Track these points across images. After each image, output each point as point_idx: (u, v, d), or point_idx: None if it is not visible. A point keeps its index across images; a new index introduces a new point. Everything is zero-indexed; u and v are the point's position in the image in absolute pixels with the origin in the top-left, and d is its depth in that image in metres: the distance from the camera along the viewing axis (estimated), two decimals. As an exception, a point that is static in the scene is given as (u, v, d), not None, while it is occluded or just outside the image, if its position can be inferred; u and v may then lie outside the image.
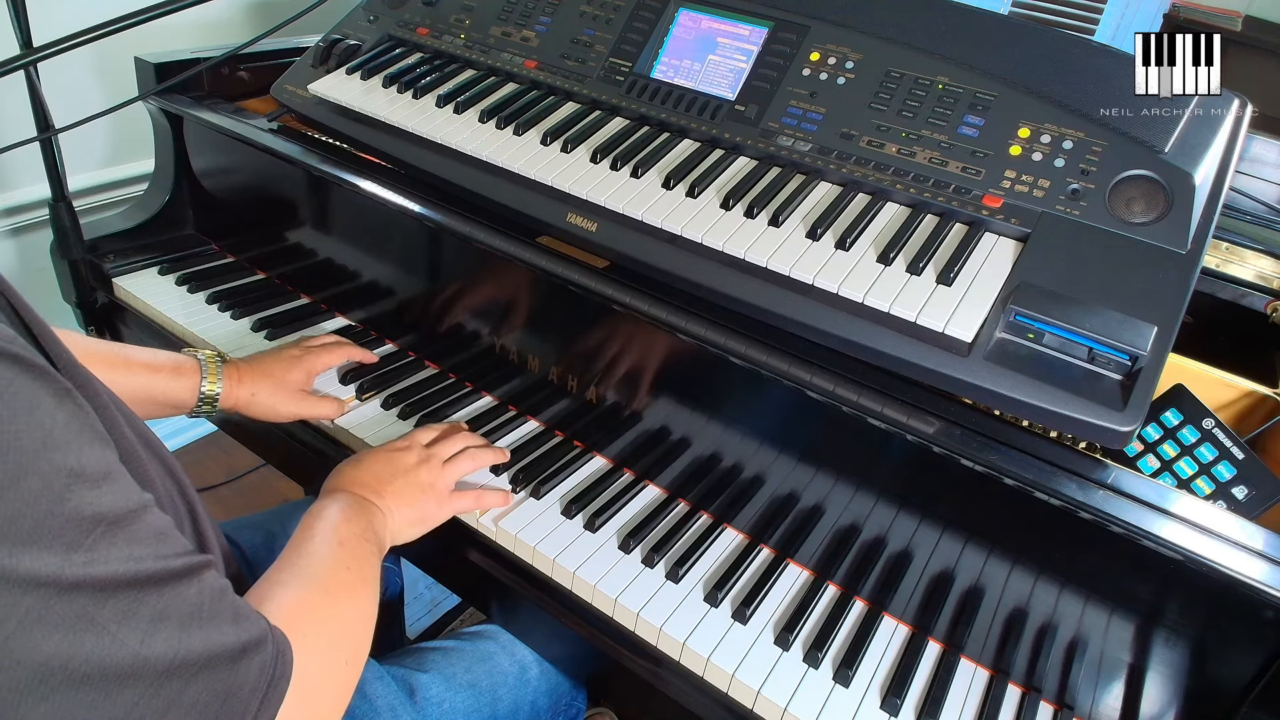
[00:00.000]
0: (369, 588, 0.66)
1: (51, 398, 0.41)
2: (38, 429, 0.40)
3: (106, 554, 0.42)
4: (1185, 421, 0.76)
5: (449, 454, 0.84)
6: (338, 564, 0.65)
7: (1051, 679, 0.75)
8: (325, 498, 0.74)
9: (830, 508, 0.80)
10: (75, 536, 0.40)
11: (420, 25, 1.08)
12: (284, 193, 1.10)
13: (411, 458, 0.81)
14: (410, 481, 0.79)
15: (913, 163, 0.80)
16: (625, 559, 0.81)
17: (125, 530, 0.43)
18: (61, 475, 0.40)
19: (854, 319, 0.72)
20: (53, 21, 0.90)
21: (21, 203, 1.52)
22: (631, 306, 0.80)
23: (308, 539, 0.67)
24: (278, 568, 0.63)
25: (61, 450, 0.40)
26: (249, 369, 0.91)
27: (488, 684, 0.82)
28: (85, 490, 0.41)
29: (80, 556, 0.40)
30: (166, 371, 0.86)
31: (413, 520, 0.78)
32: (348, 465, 0.80)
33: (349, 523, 0.70)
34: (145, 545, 0.44)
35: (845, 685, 0.73)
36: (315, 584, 0.61)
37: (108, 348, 0.84)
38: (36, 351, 0.45)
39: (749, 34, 0.90)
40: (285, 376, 0.92)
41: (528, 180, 0.87)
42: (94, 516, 0.42)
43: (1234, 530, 0.62)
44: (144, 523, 0.45)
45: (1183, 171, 0.72)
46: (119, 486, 0.44)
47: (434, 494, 0.80)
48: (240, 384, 0.89)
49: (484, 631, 0.88)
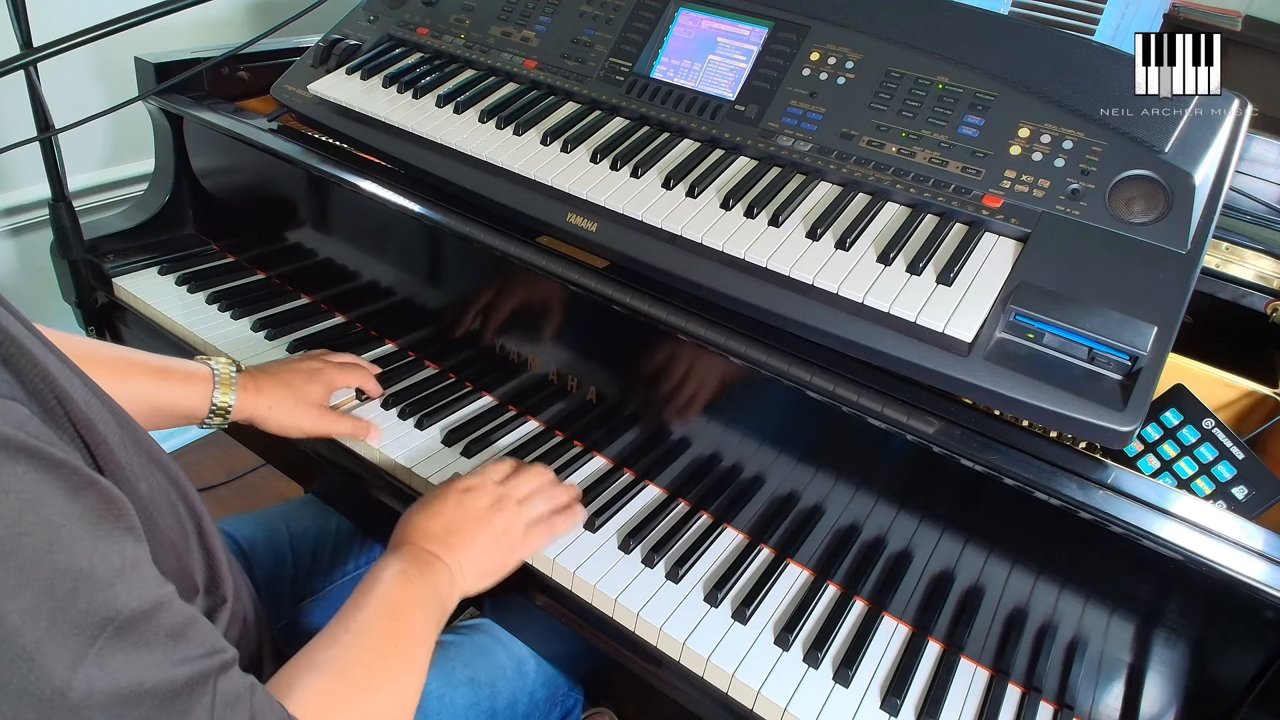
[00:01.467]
0: (416, 670, 0.62)
1: (65, 493, 0.39)
2: (45, 528, 0.38)
3: (113, 661, 0.40)
4: (1185, 421, 0.76)
5: (523, 494, 0.79)
6: (385, 644, 0.61)
7: (1051, 679, 0.75)
8: (390, 553, 0.70)
9: (830, 508, 0.80)
10: (79, 644, 0.39)
11: (420, 25, 1.08)
12: (284, 193, 1.10)
13: (484, 500, 0.76)
14: (482, 529, 0.74)
15: (913, 163, 0.80)
16: (625, 559, 0.81)
17: (135, 633, 0.41)
18: (68, 579, 0.38)
19: (854, 319, 0.72)
20: (53, 21, 0.89)
21: (21, 203, 1.52)
22: (631, 306, 0.80)
23: (360, 606, 0.63)
24: (321, 642, 0.59)
25: (69, 550, 0.39)
26: (267, 380, 0.87)
27: (486, 678, 0.82)
28: (93, 592, 0.39)
29: (87, 667, 0.38)
30: (176, 379, 0.82)
31: (484, 573, 0.74)
32: (416, 513, 0.75)
33: (408, 586, 0.66)
34: (155, 649, 0.42)
35: (845, 685, 0.73)
36: (356, 672, 0.58)
37: (115, 353, 0.81)
38: (59, 426, 0.42)
39: (749, 34, 0.90)
40: (305, 389, 0.88)
41: (528, 180, 0.87)
42: (101, 620, 0.40)
43: (1234, 530, 0.62)
44: (156, 623, 0.43)
45: (1183, 171, 0.72)
46: (133, 583, 0.42)
47: (507, 540, 0.75)
48: (258, 394, 0.85)
49: (481, 625, 0.88)
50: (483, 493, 0.77)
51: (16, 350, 0.42)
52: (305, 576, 0.97)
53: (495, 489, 0.78)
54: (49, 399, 0.44)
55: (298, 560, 0.97)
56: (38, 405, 0.42)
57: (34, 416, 0.40)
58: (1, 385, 0.39)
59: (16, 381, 0.41)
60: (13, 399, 0.39)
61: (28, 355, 0.43)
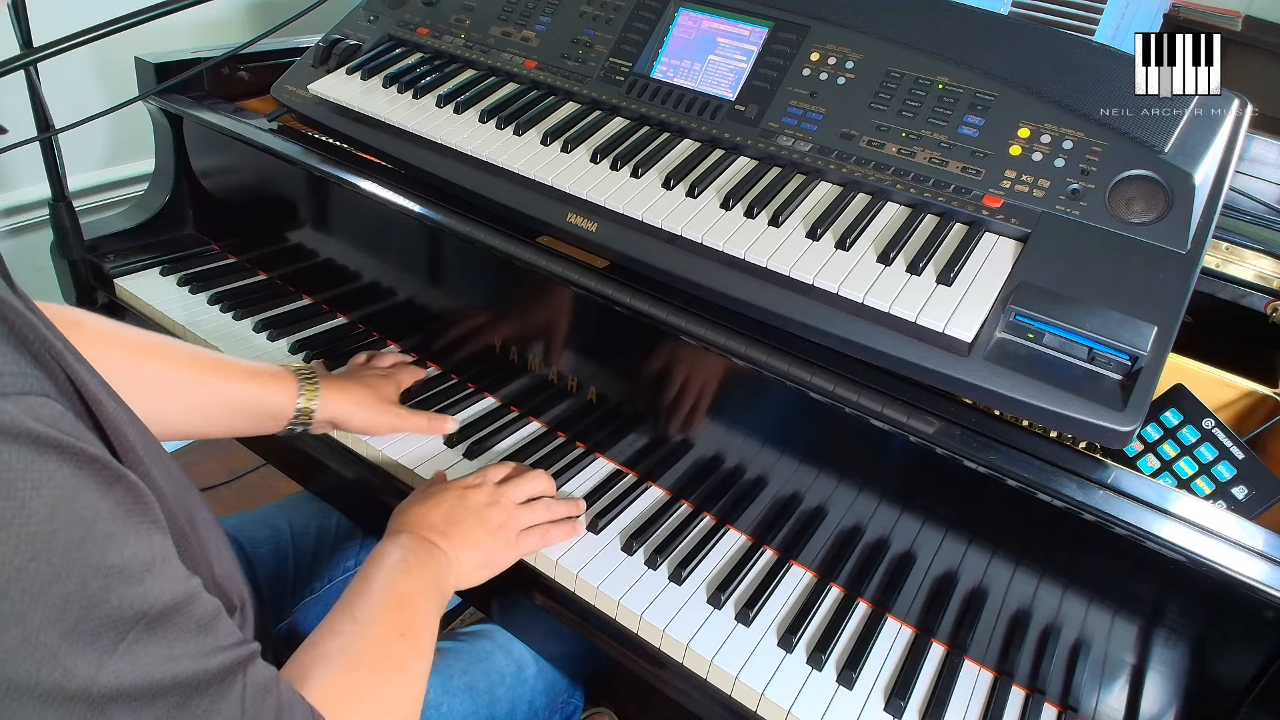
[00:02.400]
0: (422, 657, 0.64)
1: (96, 489, 0.39)
2: (77, 525, 0.38)
3: (144, 654, 0.40)
4: (1185, 421, 0.76)
5: (522, 496, 0.81)
6: (392, 632, 0.62)
7: (1055, 680, 0.75)
8: (390, 539, 0.72)
9: (833, 509, 0.80)
10: (111, 640, 0.39)
11: (420, 25, 1.08)
12: (284, 193, 1.10)
13: (483, 496, 0.78)
14: (480, 522, 0.76)
15: (913, 163, 0.80)
16: (628, 560, 0.81)
17: (167, 625, 0.42)
18: (99, 575, 0.38)
19: (854, 319, 0.72)
20: (53, 21, 0.89)
21: (21, 203, 1.52)
22: (631, 306, 0.80)
23: (364, 594, 0.64)
24: (328, 632, 0.60)
25: (101, 546, 0.39)
26: (350, 381, 0.90)
27: (485, 685, 0.82)
28: (125, 587, 0.40)
29: (115, 663, 0.39)
30: (266, 378, 0.83)
31: (479, 564, 0.75)
32: (415, 502, 0.77)
33: (410, 575, 0.67)
34: (187, 641, 0.43)
35: (849, 687, 0.73)
36: (365, 660, 0.59)
37: (199, 352, 0.82)
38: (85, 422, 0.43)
39: (749, 34, 0.90)
40: (383, 389, 0.91)
41: (528, 180, 0.87)
42: (134, 615, 0.40)
43: (1234, 530, 0.62)
44: (187, 615, 0.43)
45: (1183, 171, 0.72)
46: (164, 576, 0.42)
47: (503, 536, 0.77)
48: (345, 394, 0.87)
49: (481, 631, 0.88)
50: (483, 490, 0.79)
51: (46, 349, 0.42)
52: (306, 575, 0.97)
53: (494, 489, 0.80)
54: (76, 399, 0.44)
55: (299, 559, 0.97)
56: (67, 403, 0.42)
57: (67, 413, 0.40)
58: (33, 381, 0.39)
59: (48, 379, 0.41)
60: (45, 395, 0.39)
61: (59, 356, 0.43)
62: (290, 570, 0.95)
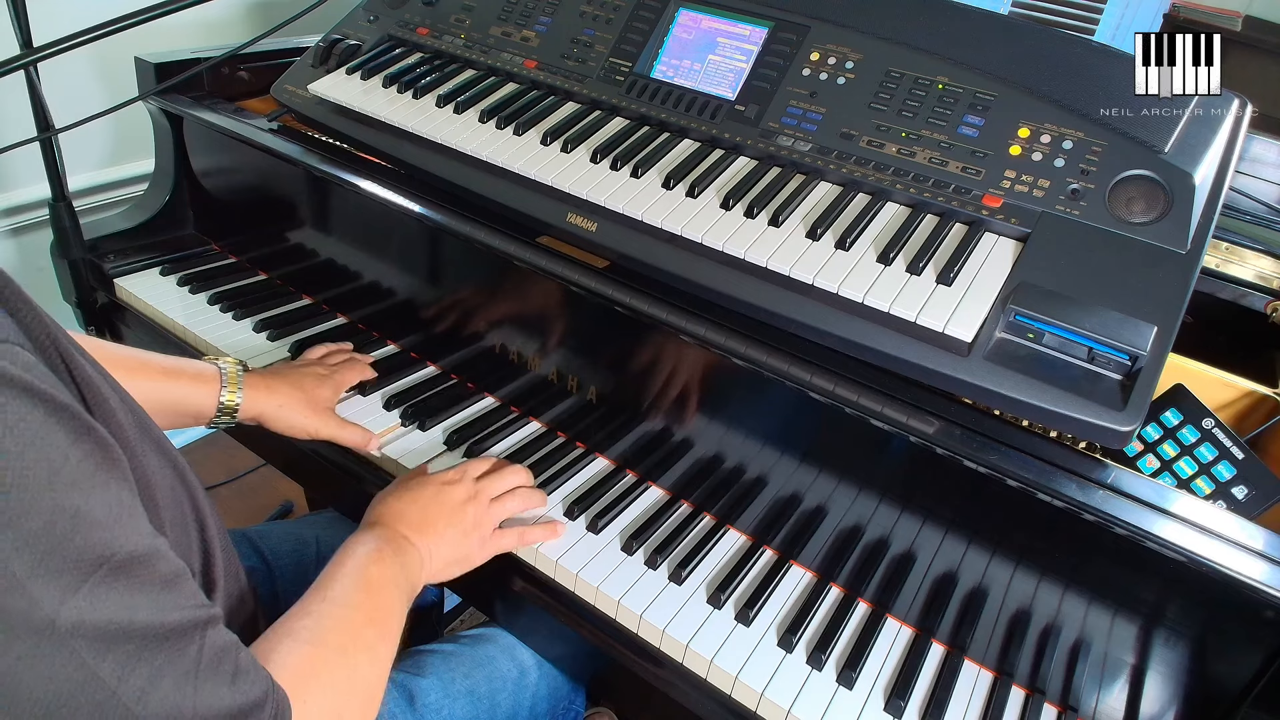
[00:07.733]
0: (388, 644, 0.64)
1: (67, 435, 0.40)
2: (47, 466, 0.39)
3: (105, 598, 0.41)
4: (1185, 421, 0.76)
5: (498, 491, 0.81)
6: (360, 616, 0.63)
7: (1055, 680, 0.75)
8: (364, 530, 0.72)
9: (833, 509, 0.80)
10: (75, 579, 0.40)
11: (420, 25, 1.08)
12: (284, 193, 1.10)
13: (460, 493, 0.78)
14: (455, 520, 0.77)
15: (913, 163, 0.80)
16: (628, 561, 0.81)
17: (129, 575, 0.42)
18: (67, 515, 0.39)
19: (854, 319, 0.72)
20: (53, 21, 0.89)
21: (21, 203, 1.52)
22: (631, 306, 0.80)
23: (335, 580, 0.65)
24: (297, 612, 0.61)
25: (68, 489, 0.40)
26: (278, 380, 0.88)
27: (486, 689, 0.81)
28: (90, 531, 0.40)
29: (78, 600, 0.40)
30: (187, 378, 0.83)
31: (452, 561, 0.76)
32: (393, 495, 0.77)
33: (381, 564, 0.68)
34: (148, 593, 0.43)
35: (849, 687, 0.73)
36: (331, 639, 0.59)
37: (125, 353, 0.82)
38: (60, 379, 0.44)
39: (749, 34, 0.90)
40: (316, 392, 0.90)
41: (528, 180, 0.87)
42: (97, 559, 0.41)
43: (1234, 530, 0.62)
44: (150, 569, 0.44)
45: (1183, 171, 0.72)
46: (129, 528, 0.43)
47: (477, 534, 0.78)
48: (269, 394, 0.86)
49: (483, 635, 0.87)
50: (461, 487, 0.79)
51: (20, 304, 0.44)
52: None
53: (472, 485, 0.80)
54: (53, 355, 0.45)
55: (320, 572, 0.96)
56: (42, 358, 0.43)
57: (40, 363, 0.41)
58: (9, 332, 0.40)
59: (22, 331, 0.42)
60: (19, 344, 0.40)
61: (38, 318, 0.45)
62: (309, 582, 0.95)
